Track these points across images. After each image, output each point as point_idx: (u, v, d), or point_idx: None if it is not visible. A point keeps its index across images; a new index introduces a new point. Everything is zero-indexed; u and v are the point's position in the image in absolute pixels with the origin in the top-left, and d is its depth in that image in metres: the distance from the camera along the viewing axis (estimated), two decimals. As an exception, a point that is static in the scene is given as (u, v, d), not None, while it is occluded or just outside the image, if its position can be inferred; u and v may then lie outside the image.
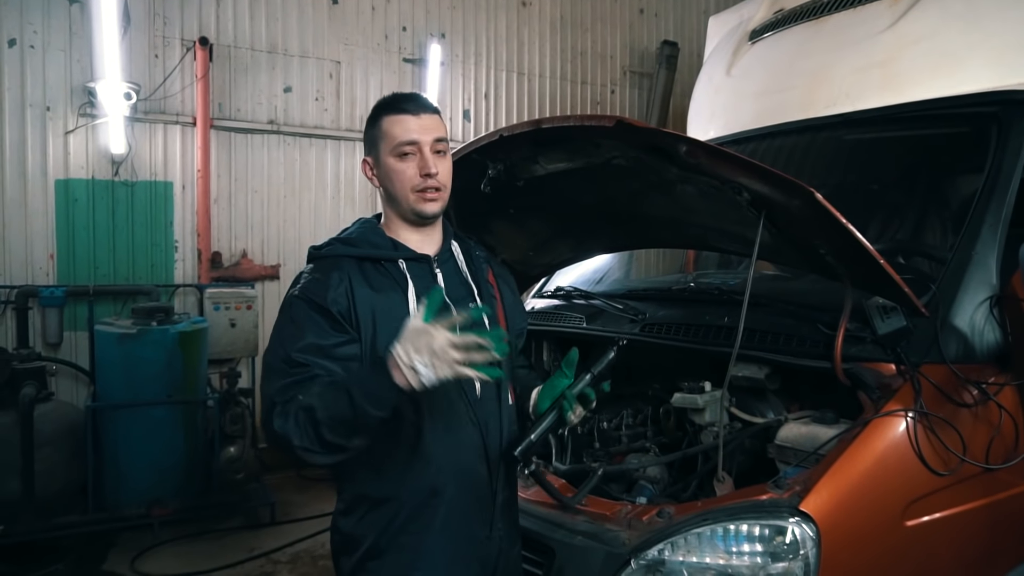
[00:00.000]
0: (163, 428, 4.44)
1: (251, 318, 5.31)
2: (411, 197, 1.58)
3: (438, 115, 1.63)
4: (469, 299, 1.64)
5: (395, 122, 1.58)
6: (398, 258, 1.60)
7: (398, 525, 1.54)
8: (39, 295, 4.85)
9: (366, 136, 1.65)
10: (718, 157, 1.65)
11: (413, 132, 1.57)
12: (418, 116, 1.58)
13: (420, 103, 1.61)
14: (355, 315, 1.52)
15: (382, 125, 1.59)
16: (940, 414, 1.70)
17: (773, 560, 1.53)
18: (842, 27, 2.82)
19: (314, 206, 5.92)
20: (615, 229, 2.48)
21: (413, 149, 1.57)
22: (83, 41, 5.03)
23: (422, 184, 1.57)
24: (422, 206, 1.59)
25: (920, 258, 2.32)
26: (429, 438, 1.54)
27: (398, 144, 1.56)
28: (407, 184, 1.57)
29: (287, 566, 4.04)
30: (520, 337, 1.88)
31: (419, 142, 1.57)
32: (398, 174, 1.58)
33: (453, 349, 1.33)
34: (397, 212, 1.63)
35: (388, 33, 6.17)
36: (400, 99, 1.62)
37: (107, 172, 5.19)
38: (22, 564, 3.89)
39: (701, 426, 2.09)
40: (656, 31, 7.52)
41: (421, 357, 1.33)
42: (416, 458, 1.54)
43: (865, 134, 2.60)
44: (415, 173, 1.57)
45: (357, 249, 1.59)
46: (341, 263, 1.57)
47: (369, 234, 1.63)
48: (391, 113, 1.59)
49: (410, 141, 1.56)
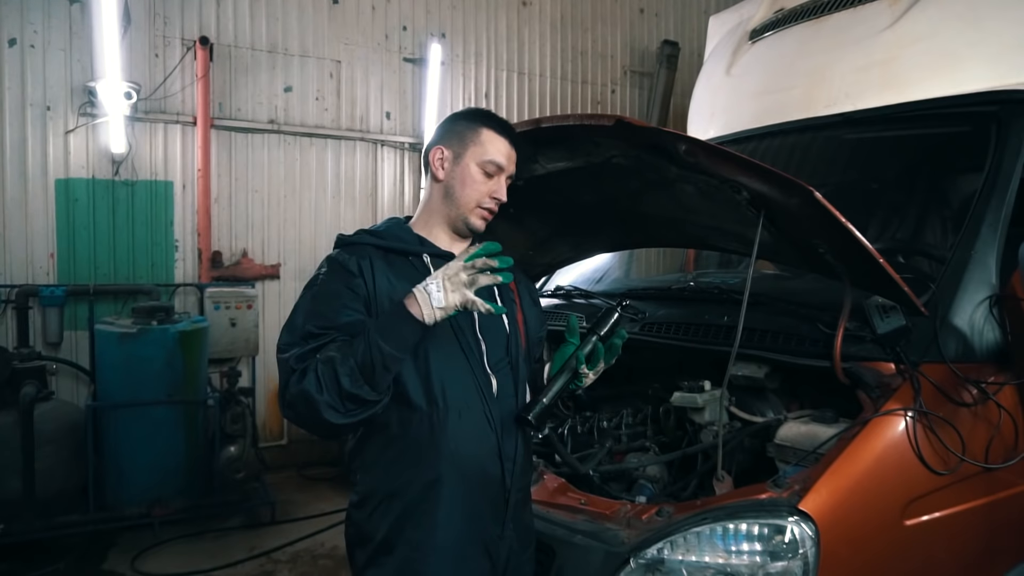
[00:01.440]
0: (163, 427, 4.44)
1: (251, 317, 5.32)
2: (472, 208, 1.65)
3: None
4: (488, 299, 1.65)
5: (496, 140, 1.65)
6: (423, 252, 1.64)
7: (406, 519, 1.55)
8: (39, 294, 4.85)
9: (454, 130, 1.68)
10: (717, 156, 1.65)
11: (506, 158, 1.65)
12: (513, 149, 1.68)
13: (517, 136, 1.70)
14: (375, 300, 1.55)
15: (483, 133, 1.65)
16: (939, 413, 1.70)
17: (772, 559, 1.53)
18: (842, 26, 2.82)
19: (314, 206, 5.92)
20: (615, 228, 2.48)
21: (498, 172, 1.64)
22: (83, 41, 5.03)
23: (488, 204, 1.65)
24: (476, 221, 1.66)
25: (920, 257, 2.33)
26: (443, 433, 1.55)
27: (491, 161, 1.63)
28: (475, 197, 1.64)
29: (287, 565, 4.04)
30: (539, 345, 1.89)
31: (506, 170, 1.66)
32: (475, 184, 1.64)
33: (463, 271, 1.45)
34: (446, 213, 1.67)
35: (388, 32, 6.18)
36: (504, 122, 1.69)
37: (107, 171, 5.20)
38: (23, 563, 3.90)
39: (701, 425, 2.10)
40: (656, 31, 7.52)
41: (436, 280, 1.45)
42: (428, 452, 1.55)
43: (865, 133, 2.60)
44: (487, 192, 1.64)
45: (384, 241, 1.64)
46: (367, 250, 1.61)
47: (397, 230, 1.68)
48: (496, 131, 1.66)
49: (501, 165, 1.64)
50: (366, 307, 1.54)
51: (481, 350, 1.62)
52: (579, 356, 1.63)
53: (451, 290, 1.44)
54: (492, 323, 1.65)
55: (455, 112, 1.76)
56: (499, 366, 1.64)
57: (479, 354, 1.61)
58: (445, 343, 1.58)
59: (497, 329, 1.66)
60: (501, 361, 1.65)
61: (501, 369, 1.64)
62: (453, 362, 1.58)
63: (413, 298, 1.45)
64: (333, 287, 1.55)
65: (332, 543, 4.25)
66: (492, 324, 1.65)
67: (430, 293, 1.44)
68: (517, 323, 1.73)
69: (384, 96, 6.17)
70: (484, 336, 1.63)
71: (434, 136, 1.72)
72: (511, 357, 1.67)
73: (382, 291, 1.56)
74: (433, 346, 1.55)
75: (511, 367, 1.67)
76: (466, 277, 1.45)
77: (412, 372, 1.55)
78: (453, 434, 1.56)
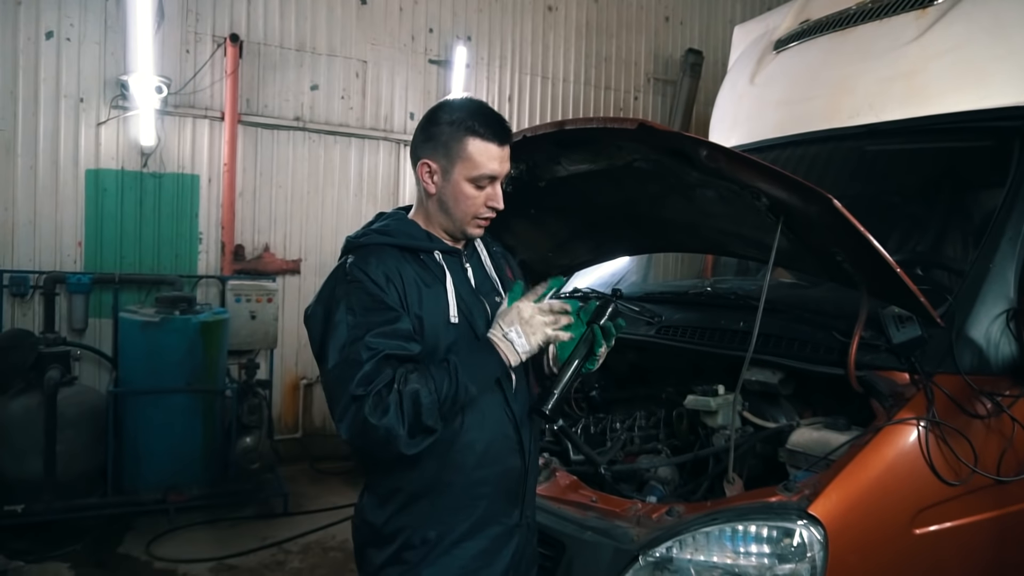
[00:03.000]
0: (182, 416, 4.52)
1: (271, 311, 5.39)
2: (469, 222, 1.59)
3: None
4: (495, 293, 1.67)
5: (483, 149, 1.53)
6: (435, 249, 1.61)
7: (437, 517, 1.56)
8: (66, 281, 4.95)
9: (439, 140, 1.55)
10: (738, 162, 1.67)
11: (496, 165, 1.55)
12: (503, 147, 1.56)
13: (507, 131, 1.58)
14: (404, 298, 1.52)
15: (467, 146, 1.53)
16: (952, 424, 1.71)
17: (780, 561, 1.55)
18: (868, 38, 2.82)
19: (337, 203, 5.99)
20: (634, 232, 2.50)
21: (490, 182, 1.56)
22: (117, 35, 5.14)
23: (485, 214, 1.59)
24: (474, 231, 1.62)
25: (938, 270, 2.32)
26: (469, 432, 1.56)
27: (480, 176, 1.54)
28: (471, 211, 1.58)
29: (298, 556, 4.09)
30: None
31: (498, 176, 1.57)
32: (466, 199, 1.56)
33: (540, 315, 1.53)
34: (442, 223, 1.62)
35: (415, 34, 6.24)
36: (491, 122, 1.55)
37: (136, 163, 5.29)
38: (42, 543, 3.98)
39: (713, 429, 2.11)
40: (681, 39, 7.52)
41: (514, 327, 1.51)
42: (456, 451, 1.55)
43: (888, 145, 2.60)
44: (482, 203, 1.57)
45: (395, 239, 1.59)
46: (383, 251, 1.56)
47: (404, 226, 1.63)
48: (480, 137, 1.53)
49: (492, 175, 1.55)
50: (396, 301, 1.51)
51: None
52: (596, 332, 1.61)
53: (531, 333, 1.52)
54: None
55: (436, 107, 1.61)
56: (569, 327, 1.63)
57: None
58: (465, 343, 1.57)
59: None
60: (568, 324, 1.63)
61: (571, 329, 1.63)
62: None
63: (494, 344, 1.51)
64: (363, 296, 1.49)
65: (343, 536, 4.29)
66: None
67: (512, 340, 1.51)
68: None
69: (409, 96, 6.23)
70: None
71: (417, 139, 1.61)
72: None
73: (409, 286, 1.53)
74: (454, 348, 1.55)
75: (522, 361, 1.68)
76: (541, 319, 1.53)
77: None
78: (478, 433, 1.57)
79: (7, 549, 3.87)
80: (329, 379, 1.49)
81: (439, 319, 1.55)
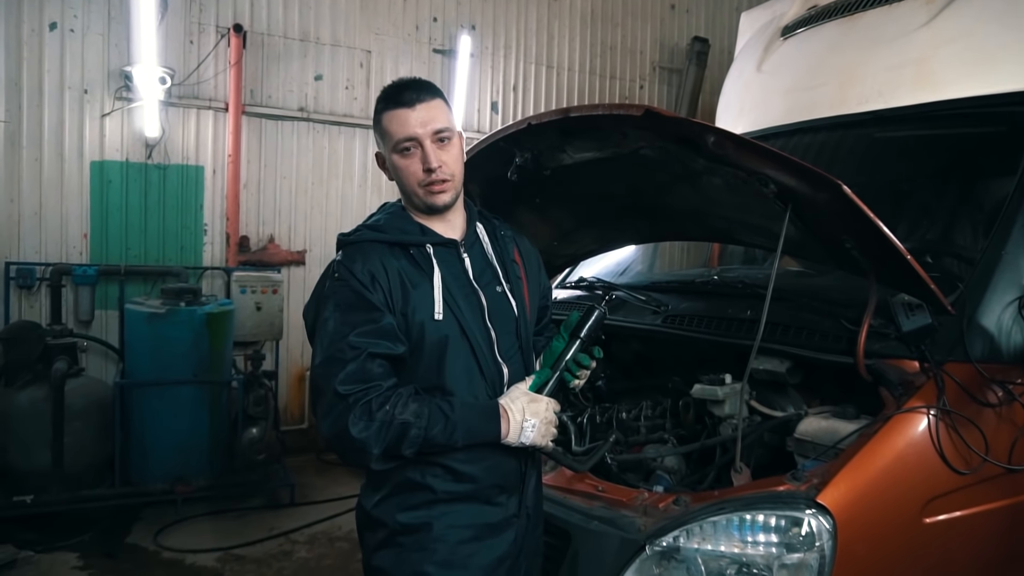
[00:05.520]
0: (188, 407, 4.53)
1: (276, 302, 5.39)
2: (420, 192, 1.57)
3: (439, 99, 1.58)
4: (495, 282, 1.66)
5: (392, 118, 1.54)
6: (426, 243, 1.60)
7: (430, 508, 1.57)
8: (72, 273, 4.96)
9: (375, 130, 1.63)
10: (745, 148, 1.65)
11: (411, 127, 1.53)
12: (414, 108, 1.53)
13: (416, 92, 1.55)
14: (390, 296, 1.53)
15: (382, 122, 1.57)
16: (963, 413, 1.69)
17: (788, 551, 1.54)
18: (876, 24, 2.78)
19: (341, 193, 5.98)
20: (640, 220, 2.48)
21: (413, 144, 1.54)
22: (121, 26, 5.12)
23: (427, 179, 1.56)
24: (431, 199, 1.58)
25: (949, 258, 2.30)
26: None
27: (398, 142, 1.54)
28: (413, 180, 1.57)
29: (305, 546, 4.11)
30: (542, 310, 1.88)
31: (418, 136, 1.53)
32: (403, 171, 1.57)
33: (552, 425, 1.58)
34: (412, 205, 1.63)
35: (419, 23, 6.20)
36: (396, 90, 1.56)
37: (141, 155, 5.29)
38: (50, 533, 4.01)
39: (720, 418, 2.10)
40: (687, 27, 7.46)
41: (534, 420, 1.55)
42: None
43: (897, 132, 2.57)
44: (419, 168, 1.55)
45: (385, 235, 1.59)
46: (371, 248, 1.57)
47: (397, 220, 1.63)
48: (388, 108, 1.55)
49: (408, 137, 1.53)
50: (382, 300, 1.52)
51: (492, 340, 1.61)
52: (568, 364, 1.66)
53: (543, 434, 1.57)
54: (501, 309, 1.64)
55: None
56: (510, 353, 1.65)
57: (490, 346, 1.61)
58: (457, 344, 1.57)
59: (506, 315, 1.65)
60: (511, 348, 1.65)
61: (512, 356, 1.65)
62: (466, 361, 1.59)
63: (506, 421, 1.53)
64: (349, 294, 1.51)
65: (349, 526, 4.30)
66: (501, 310, 1.64)
67: (524, 429, 1.54)
68: (524, 303, 1.70)
69: (413, 87, 6.19)
70: (494, 324, 1.62)
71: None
72: (521, 341, 1.68)
73: (394, 284, 1.53)
74: (447, 351, 1.56)
75: (521, 352, 1.68)
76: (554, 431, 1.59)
77: (432, 374, 1.56)
78: None
79: (16, 539, 3.91)
80: (314, 375, 1.51)
81: (424, 315, 1.54)
